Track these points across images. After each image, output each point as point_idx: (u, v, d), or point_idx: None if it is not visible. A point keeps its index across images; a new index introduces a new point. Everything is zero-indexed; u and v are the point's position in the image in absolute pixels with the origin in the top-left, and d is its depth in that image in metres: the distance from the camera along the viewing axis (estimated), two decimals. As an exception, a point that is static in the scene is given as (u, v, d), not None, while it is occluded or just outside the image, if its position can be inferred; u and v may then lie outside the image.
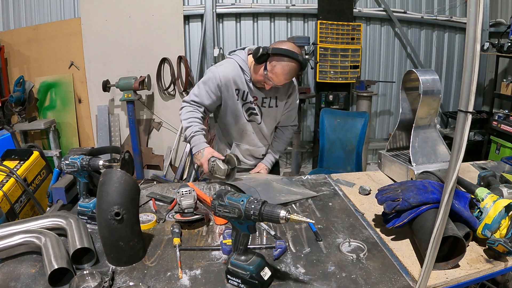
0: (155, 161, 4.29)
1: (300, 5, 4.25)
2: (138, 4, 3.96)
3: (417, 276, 1.04)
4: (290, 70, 1.60)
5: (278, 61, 1.59)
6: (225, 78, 1.71)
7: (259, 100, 1.81)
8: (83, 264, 1.11)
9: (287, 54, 1.57)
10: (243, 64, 1.74)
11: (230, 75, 1.72)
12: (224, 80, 1.71)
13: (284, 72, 1.60)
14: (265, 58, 1.60)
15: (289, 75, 1.62)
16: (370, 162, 4.70)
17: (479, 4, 0.79)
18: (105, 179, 1.14)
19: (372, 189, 1.67)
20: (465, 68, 0.83)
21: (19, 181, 1.70)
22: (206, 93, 1.75)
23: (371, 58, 4.57)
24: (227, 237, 1.22)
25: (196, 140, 1.72)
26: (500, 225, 1.16)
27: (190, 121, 1.74)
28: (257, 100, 1.80)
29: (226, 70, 1.73)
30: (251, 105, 1.81)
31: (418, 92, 1.76)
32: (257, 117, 1.86)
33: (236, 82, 1.74)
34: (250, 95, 1.78)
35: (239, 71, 1.74)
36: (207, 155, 1.69)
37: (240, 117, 1.83)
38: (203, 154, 1.70)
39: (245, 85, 1.76)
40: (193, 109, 1.76)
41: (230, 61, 1.77)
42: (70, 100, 4.11)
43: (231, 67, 1.74)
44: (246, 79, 1.75)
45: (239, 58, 1.76)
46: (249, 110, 1.82)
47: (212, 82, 1.72)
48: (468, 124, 0.85)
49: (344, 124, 2.93)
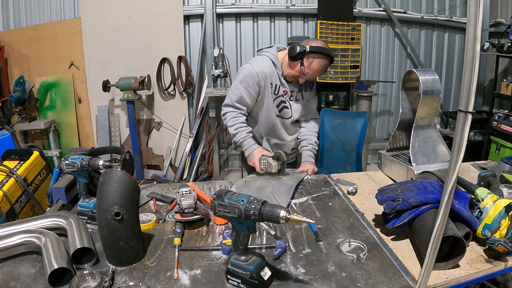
0: (155, 161, 4.29)
1: (300, 5, 4.25)
2: (138, 4, 3.97)
3: (417, 276, 1.04)
4: (326, 65, 1.78)
5: (314, 57, 1.74)
6: (262, 73, 1.82)
7: (288, 94, 1.91)
8: (83, 264, 1.11)
9: (323, 52, 1.73)
10: (275, 60, 1.86)
11: (266, 70, 1.84)
12: (261, 75, 1.82)
13: (321, 67, 1.77)
14: (302, 55, 1.74)
15: (323, 70, 1.80)
16: (370, 162, 4.70)
17: (479, 4, 0.79)
18: (105, 179, 1.14)
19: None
20: (465, 68, 0.83)
21: (19, 181, 1.70)
22: (247, 91, 1.84)
23: (371, 58, 4.57)
24: (227, 237, 1.22)
25: (246, 144, 1.87)
26: (500, 225, 1.16)
27: (236, 127, 1.87)
28: (286, 93, 1.91)
29: (261, 66, 1.84)
30: (282, 98, 1.90)
31: (418, 92, 1.76)
32: (288, 110, 1.94)
33: (271, 77, 1.86)
34: (282, 89, 1.89)
35: (273, 66, 1.86)
36: (258, 155, 1.82)
37: (271, 112, 1.92)
38: (254, 155, 1.84)
39: (277, 79, 1.87)
40: (236, 114, 1.87)
41: (263, 57, 1.88)
42: (70, 100, 4.11)
43: (265, 62, 1.86)
44: (278, 73, 1.86)
45: (271, 54, 1.87)
46: (281, 104, 1.91)
47: (250, 79, 1.82)
48: (468, 124, 0.85)
49: (344, 124, 2.93)
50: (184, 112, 4.28)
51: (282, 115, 1.96)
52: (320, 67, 1.77)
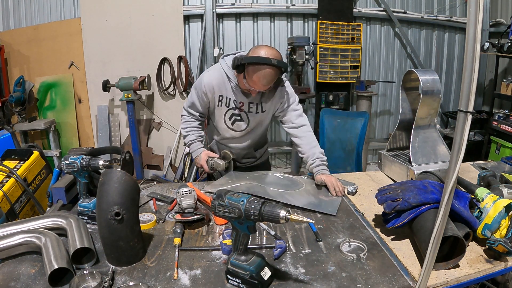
0: (155, 161, 4.29)
1: (300, 5, 4.25)
2: (138, 4, 3.96)
3: (417, 276, 1.04)
4: (266, 75, 1.57)
5: (253, 70, 1.58)
6: (208, 85, 1.76)
7: (246, 106, 1.80)
8: (83, 264, 1.11)
9: (259, 62, 1.55)
10: (229, 71, 1.73)
11: (214, 82, 1.76)
12: (208, 87, 1.77)
13: (260, 79, 1.58)
14: (242, 67, 1.60)
15: (266, 80, 1.60)
16: (370, 162, 4.70)
17: (479, 4, 0.79)
18: (105, 179, 1.14)
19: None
20: (465, 68, 0.83)
21: (19, 181, 1.70)
22: (198, 99, 1.84)
23: (371, 58, 4.57)
24: (227, 237, 1.22)
25: (194, 147, 1.93)
26: (500, 225, 1.16)
27: (187, 130, 1.94)
28: (243, 105, 1.79)
29: (210, 77, 1.77)
30: (234, 111, 1.81)
31: (418, 92, 1.76)
32: (241, 123, 1.84)
33: (220, 89, 1.77)
34: (236, 101, 1.78)
35: (224, 78, 1.75)
36: (204, 157, 1.87)
37: (221, 123, 1.87)
38: (201, 157, 1.89)
39: (230, 92, 1.77)
40: (189, 118, 1.92)
41: (216, 67, 1.80)
42: (70, 100, 4.11)
43: (216, 74, 1.77)
44: (232, 85, 1.75)
45: (225, 64, 1.76)
46: (233, 117, 1.83)
47: (200, 89, 1.80)
48: (468, 124, 0.85)
49: (344, 124, 2.93)
50: (184, 112, 4.28)
51: (234, 128, 1.86)
52: (259, 78, 1.57)
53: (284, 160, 4.72)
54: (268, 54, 1.57)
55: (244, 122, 1.84)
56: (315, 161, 1.79)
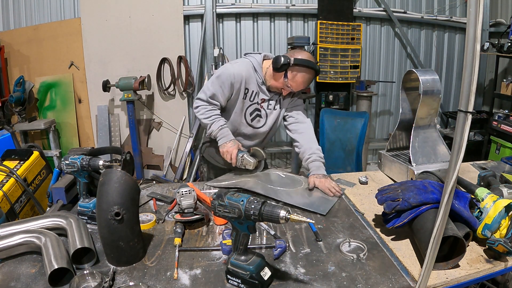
0: (155, 161, 4.29)
1: (300, 5, 4.25)
2: (138, 4, 3.96)
3: (417, 276, 1.04)
4: (310, 79, 1.73)
5: (299, 70, 1.69)
6: (238, 75, 1.74)
7: (266, 103, 1.85)
8: (83, 264, 1.11)
9: (307, 65, 1.67)
10: (258, 66, 1.79)
11: (244, 73, 1.76)
12: (237, 77, 1.74)
13: (304, 80, 1.71)
14: (286, 67, 1.68)
15: (308, 83, 1.75)
16: (370, 162, 4.70)
17: (479, 4, 0.79)
18: (105, 179, 1.14)
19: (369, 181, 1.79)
20: (465, 68, 0.83)
21: (19, 181, 1.70)
22: (221, 89, 1.75)
23: (371, 58, 4.57)
24: (227, 237, 1.22)
25: (223, 132, 1.74)
26: (500, 225, 1.16)
27: (212, 118, 1.75)
28: (264, 102, 1.85)
29: (240, 68, 1.77)
30: (257, 106, 1.84)
31: (418, 92, 1.76)
32: (261, 119, 1.87)
33: (248, 82, 1.78)
34: (259, 96, 1.83)
35: (252, 71, 1.79)
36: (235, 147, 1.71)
37: (240, 117, 1.83)
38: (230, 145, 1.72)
39: (256, 86, 1.80)
40: (211, 107, 1.78)
41: (245, 61, 1.82)
42: (70, 100, 4.11)
43: (245, 66, 1.79)
44: (258, 80, 1.80)
45: (254, 60, 1.81)
46: (254, 112, 1.85)
47: (226, 78, 1.74)
48: (468, 124, 0.85)
49: (344, 124, 2.93)
50: (184, 112, 4.28)
51: (253, 124, 1.87)
52: (304, 80, 1.71)
53: (284, 160, 4.72)
54: (312, 59, 1.71)
55: (263, 118, 1.88)
56: (311, 156, 1.80)
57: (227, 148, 1.71)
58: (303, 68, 1.68)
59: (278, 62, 1.67)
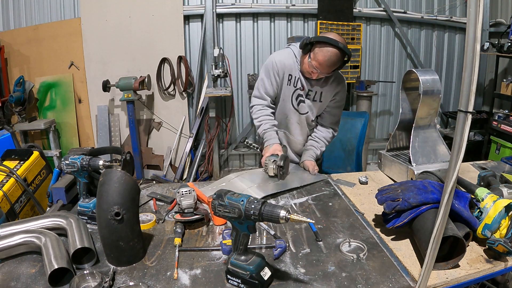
0: (155, 161, 4.29)
1: (300, 5, 4.25)
2: (138, 4, 3.96)
3: (417, 276, 1.04)
4: (331, 56, 1.69)
5: (320, 49, 1.70)
6: (280, 63, 1.85)
7: (305, 90, 1.90)
8: (83, 264, 1.11)
9: (327, 41, 1.68)
10: (298, 54, 1.86)
11: (286, 61, 1.86)
12: (280, 65, 1.85)
13: (325, 58, 1.69)
14: (310, 47, 1.73)
15: (330, 61, 1.70)
16: (370, 162, 4.70)
17: (479, 4, 0.79)
18: (105, 179, 1.14)
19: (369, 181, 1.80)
20: (465, 68, 0.83)
21: (19, 181, 1.70)
22: (269, 80, 1.87)
23: (371, 58, 4.57)
24: (227, 237, 1.22)
25: (267, 136, 1.89)
26: (500, 225, 1.16)
27: (260, 119, 1.91)
28: (303, 90, 1.90)
29: (282, 56, 1.88)
30: (300, 92, 1.90)
31: (418, 92, 1.76)
32: (304, 105, 1.92)
33: (290, 68, 1.87)
34: (300, 83, 1.88)
35: (294, 58, 1.87)
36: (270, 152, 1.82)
37: (286, 103, 1.92)
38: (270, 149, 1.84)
39: (297, 72, 1.87)
40: (262, 106, 1.91)
41: (286, 50, 1.92)
42: (70, 100, 4.11)
43: (286, 54, 1.89)
44: (298, 67, 1.87)
45: (295, 47, 1.89)
46: (298, 98, 1.91)
47: (271, 69, 1.86)
48: (468, 124, 0.85)
49: (344, 124, 2.92)
50: (184, 112, 4.28)
51: (299, 109, 1.94)
52: (324, 57, 1.68)
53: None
54: (337, 38, 1.69)
55: (306, 104, 1.93)
56: (311, 148, 2.01)
57: (266, 153, 1.84)
58: (324, 45, 1.69)
59: (302, 43, 1.75)
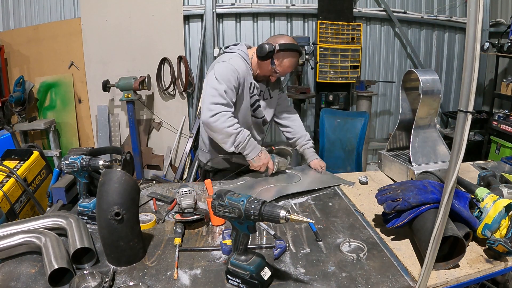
0: (155, 161, 4.29)
1: (300, 5, 4.25)
2: (138, 4, 3.96)
3: (417, 276, 1.04)
4: (296, 61, 1.78)
5: (284, 55, 1.72)
6: (241, 70, 1.72)
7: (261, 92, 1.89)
8: (83, 264, 1.11)
9: (292, 48, 1.72)
10: (246, 58, 1.79)
11: (244, 67, 1.75)
12: (241, 73, 1.71)
13: (291, 64, 1.76)
14: (272, 54, 1.70)
15: (295, 65, 1.80)
16: (370, 162, 4.70)
17: (479, 4, 0.79)
18: (105, 179, 1.14)
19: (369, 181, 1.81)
20: (465, 68, 0.83)
21: (19, 181, 1.70)
22: (230, 89, 1.66)
23: (371, 58, 4.57)
24: (227, 237, 1.22)
25: (253, 143, 1.71)
26: (500, 225, 1.16)
27: (236, 127, 1.65)
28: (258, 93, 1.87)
29: (239, 63, 1.72)
30: (257, 97, 1.86)
31: (418, 92, 1.76)
32: (261, 109, 1.90)
33: (245, 75, 1.77)
34: (255, 87, 1.84)
35: (246, 64, 1.78)
36: (268, 155, 1.78)
37: (248, 110, 1.85)
38: (264, 156, 1.75)
39: (251, 77, 1.81)
40: (230, 114, 1.65)
41: (235, 55, 1.76)
42: (70, 100, 4.11)
43: (240, 60, 1.75)
44: (250, 72, 1.81)
45: (242, 52, 1.79)
46: (255, 103, 1.87)
47: (232, 76, 1.67)
48: (468, 124, 0.85)
49: (344, 124, 2.93)
50: (184, 112, 4.28)
51: (256, 115, 1.89)
52: (291, 64, 1.75)
53: (284, 160, 4.71)
54: (294, 41, 1.75)
55: (262, 106, 1.91)
56: (308, 142, 2.04)
57: (263, 161, 1.73)
58: (289, 52, 1.72)
59: (264, 50, 1.69)
